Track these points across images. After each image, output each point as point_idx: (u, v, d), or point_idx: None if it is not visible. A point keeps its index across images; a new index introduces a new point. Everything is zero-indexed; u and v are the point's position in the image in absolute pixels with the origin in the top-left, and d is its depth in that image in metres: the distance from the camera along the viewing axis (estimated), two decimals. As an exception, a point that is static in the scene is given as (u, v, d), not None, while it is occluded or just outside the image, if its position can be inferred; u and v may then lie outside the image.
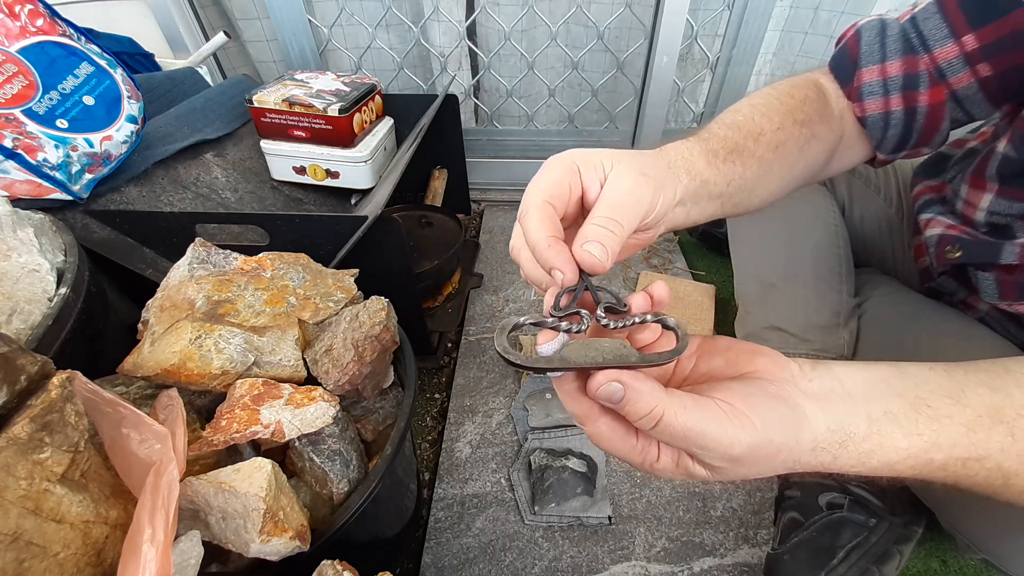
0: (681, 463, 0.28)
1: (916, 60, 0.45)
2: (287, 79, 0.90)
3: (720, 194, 0.38)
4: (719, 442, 0.25)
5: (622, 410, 0.26)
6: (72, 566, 0.31)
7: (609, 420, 0.28)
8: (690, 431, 0.25)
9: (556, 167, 0.31)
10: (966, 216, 0.53)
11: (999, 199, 0.48)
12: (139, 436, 0.36)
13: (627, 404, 0.25)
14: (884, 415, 0.29)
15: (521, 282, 1.11)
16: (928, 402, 0.29)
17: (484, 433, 0.82)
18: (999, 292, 0.50)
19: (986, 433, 0.29)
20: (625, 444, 0.28)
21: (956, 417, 0.29)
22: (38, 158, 0.59)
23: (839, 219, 0.74)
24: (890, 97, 0.46)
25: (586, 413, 0.28)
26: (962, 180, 0.53)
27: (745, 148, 0.40)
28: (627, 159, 0.31)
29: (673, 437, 0.25)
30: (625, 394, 0.25)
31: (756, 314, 0.76)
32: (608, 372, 0.26)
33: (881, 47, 0.46)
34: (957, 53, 0.43)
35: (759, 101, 0.44)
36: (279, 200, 0.92)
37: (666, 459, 0.28)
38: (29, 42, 0.61)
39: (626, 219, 0.29)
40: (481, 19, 1.21)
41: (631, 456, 0.28)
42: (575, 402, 0.28)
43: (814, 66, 0.52)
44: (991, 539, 0.49)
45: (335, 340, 0.50)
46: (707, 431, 0.25)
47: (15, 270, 0.47)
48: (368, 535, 0.54)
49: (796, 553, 0.61)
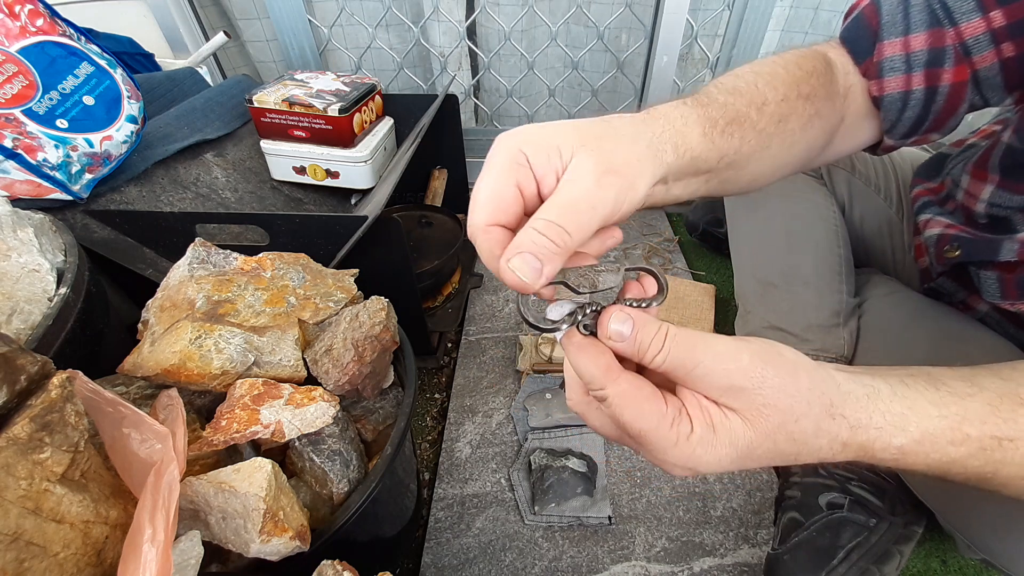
0: (715, 422, 0.25)
1: (943, 33, 0.41)
2: (287, 79, 0.90)
3: (709, 170, 0.34)
4: (725, 348, 0.24)
5: (635, 340, 0.25)
6: (72, 566, 0.31)
7: (630, 377, 0.26)
8: (695, 337, 0.24)
9: (498, 164, 0.26)
10: (966, 207, 0.52)
11: (1000, 191, 0.47)
12: (139, 436, 0.36)
13: (638, 329, 0.24)
14: (902, 383, 0.28)
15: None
16: (943, 381, 0.28)
17: (484, 433, 0.82)
18: (1001, 291, 0.49)
19: (1011, 412, 0.28)
20: (654, 406, 0.25)
21: (976, 396, 0.28)
22: (38, 158, 0.59)
23: (839, 219, 0.74)
24: (912, 74, 0.42)
25: (604, 369, 0.25)
26: (964, 171, 0.52)
27: (747, 118, 0.35)
28: (592, 143, 0.26)
29: (681, 347, 0.24)
30: (633, 321, 0.24)
31: (756, 314, 0.76)
32: (614, 307, 0.25)
33: (905, 17, 0.42)
34: (984, 29, 0.39)
35: (764, 69, 0.39)
36: (279, 200, 0.92)
37: (699, 420, 0.25)
38: (29, 42, 0.61)
39: (577, 225, 0.24)
40: (481, 19, 1.21)
41: (661, 425, 0.25)
42: (591, 358, 0.25)
43: None
44: (991, 539, 0.49)
45: (335, 340, 0.50)
46: (710, 339, 0.25)
47: (15, 270, 0.47)
48: (368, 535, 0.54)
49: (796, 553, 0.61)
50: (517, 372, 0.90)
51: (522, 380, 0.88)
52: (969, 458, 0.28)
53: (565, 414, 0.81)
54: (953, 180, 0.54)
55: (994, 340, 0.56)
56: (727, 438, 0.25)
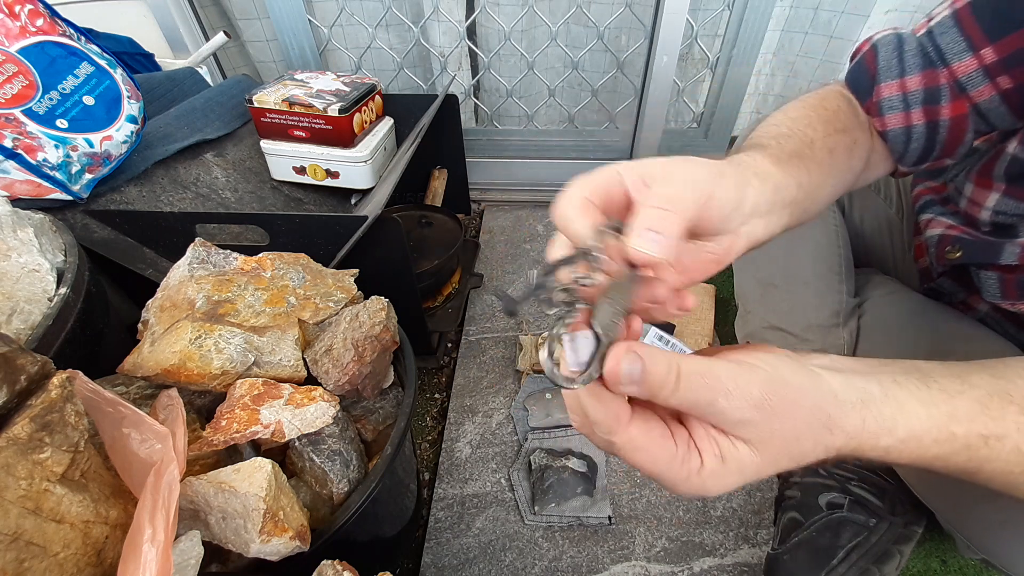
0: (724, 453, 0.25)
1: (936, 74, 0.44)
2: (287, 79, 0.90)
3: (792, 200, 0.35)
4: (736, 383, 0.24)
5: (645, 381, 0.24)
6: (72, 566, 0.31)
7: (640, 422, 0.25)
8: (707, 375, 0.24)
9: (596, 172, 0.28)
10: (969, 215, 0.53)
11: (1006, 199, 0.48)
12: (139, 436, 0.36)
13: (648, 367, 0.23)
14: (894, 383, 0.28)
15: (521, 282, 1.11)
16: (934, 378, 0.29)
17: (484, 433, 0.82)
18: (1001, 291, 0.49)
19: (1000, 411, 0.28)
20: (664, 451, 0.25)
21: (966, 393, 0.28)
22: (38, 158, 0.59)
23: (839, 219, 0.74)
24: (911, 111, 0.45)
25: (614, 416, 0.25)
26: (966, 178, 0.53)
27: (803, 154, 0.37)
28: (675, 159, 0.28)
29: (695, 389, 0.24)
30: (643, 361, 0.23)
31: (756, 314, 0.76)
32: (620, 345, 0.24)
33: (900, 62, 0.45)
34: (976, 67, 0.42)
35: (795, 114, 0.42)
36: (279, 200, 0.92)
37: (709, 454, 0.25)
38: (29, 42, 0.61)
39: (679, 202, 0.25)
40: (481, 19, 1.21)
41: (672, 467, 0.25)
42: (603, 403, 0.25)
43: (814, 66, 0.52)
44: (991, 539, 0.49)
45: (335, 340, 0.50)
46: (721, 372, 0.24)
47: (15, 270, 0.47)
48: (368, 535, 0.54)
49: (796, 553, 0.61)
50: (517, 372, 0.90)
51: (522, 380, 0.88)
52: (953, 455, 0.28)
53: (565, 414, 0.81)
54: (956, 187, 0.55)
55: (994, 340, 0.56)
56: (736, 466, 0.25)
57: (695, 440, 0.26)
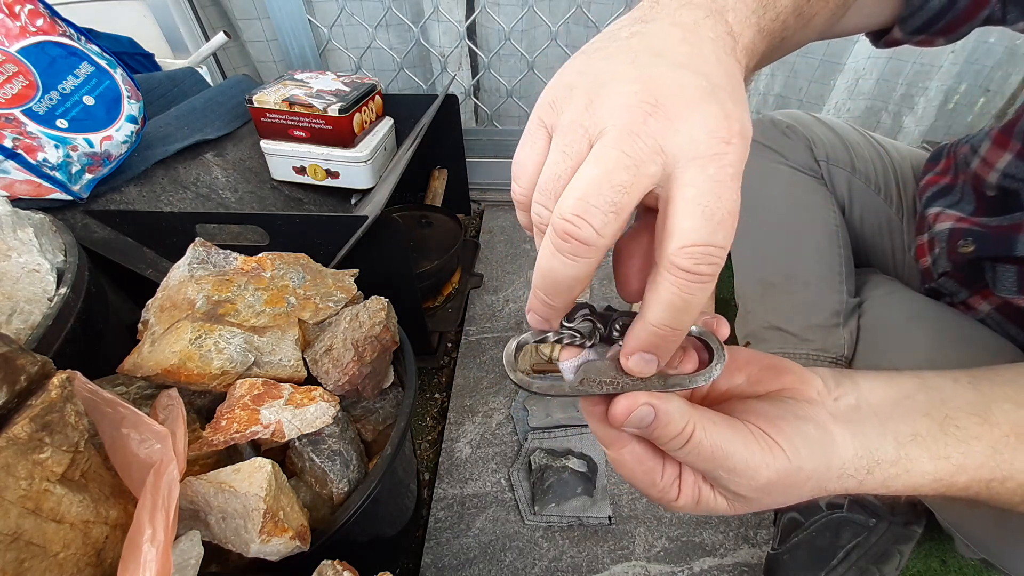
0: (702, 499, 0.26)
1: None
2: (287, 79, 0.90)
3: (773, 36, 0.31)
4: (747, 465, 0.23)
5: (651, 434, 0.24)
6: (72, 566, 0.31)
7: (635, 448, 0.26)
8: (718, 450, 0.23)
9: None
10: (976, 179, 0.52)
11: (1018, 161, 0.47)
12: (139, 436, 0.36)
13: (657, 427, 0.23)
14: (912, 439, 0.27)
15: (521, 282, 1.11)
16: (956, 422, 0.28)
17: (484, 433, 0.82)
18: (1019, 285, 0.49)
19: (1011, 453, 0.28)
20: (647, 479, 0.26)
21: (984, 438, 0.28)
22: (38, 158, 0.59)
23: (839, 219, 0.74)
24: None
25: (612, 438, 0.26)
26: (987, 135, 0.52)
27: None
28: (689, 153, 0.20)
29: (701, 458, 0.24)
30: (656, 416, 0.23)
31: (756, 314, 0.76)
32: (635, 395, 0.23)
33: None
34: None
35: None
36: (279, 200, 0.92)
37: (686, 496, 0.26)
38: (29, 42, 0.61)
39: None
40: (481, 19, 1.21)
41: (649, 492, 0.26)
42: (601, 425, 0.26)
43: (814, 65, 0.51)
44: (991, 539, 0.49)
45: (335, 340, 0.50)
46: (735, 452, 0.23)
47: (15, 270, 0.47)
48: (368, 535, 0.54)
49: (796, 553, 0.61)
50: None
51: (522, 380, 0.88)
52: (950, 494, 0.29)
53: (565, 414, 0.81)
54: (972, 147, 0.54)
55: (995, 341, 0.56)
56: (705, 508, 0.27)
57: (681, 479, 0.27)
